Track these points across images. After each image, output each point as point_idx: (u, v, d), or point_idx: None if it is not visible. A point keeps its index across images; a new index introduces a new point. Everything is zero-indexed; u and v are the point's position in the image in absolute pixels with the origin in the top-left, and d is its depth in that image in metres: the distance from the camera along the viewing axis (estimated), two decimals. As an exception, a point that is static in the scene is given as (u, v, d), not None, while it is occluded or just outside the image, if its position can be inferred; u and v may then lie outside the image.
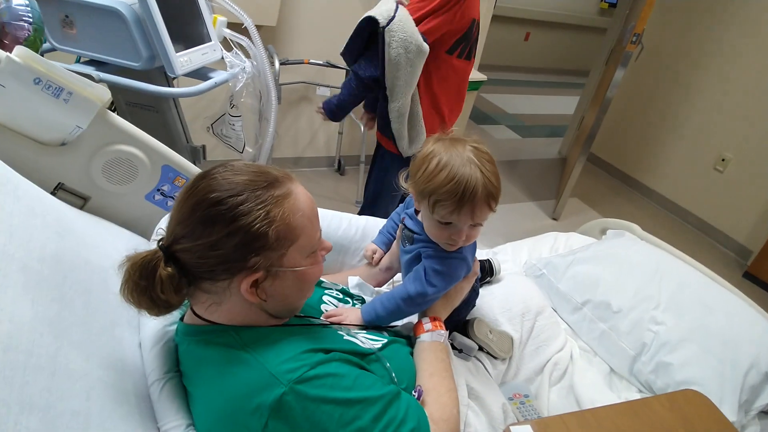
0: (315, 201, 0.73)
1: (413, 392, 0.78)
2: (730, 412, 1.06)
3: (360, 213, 1.67)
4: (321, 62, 2.52)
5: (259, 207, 0.64)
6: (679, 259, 1.42)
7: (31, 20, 0.99)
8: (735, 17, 2.88)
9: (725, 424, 0.91)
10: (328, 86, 2.68)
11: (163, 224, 0.97)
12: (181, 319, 0.78)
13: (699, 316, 1.20)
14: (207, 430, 0.68)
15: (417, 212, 0.95)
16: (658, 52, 3.32)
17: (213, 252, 0.63)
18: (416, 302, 0.89)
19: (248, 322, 0.71)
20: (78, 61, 1.36)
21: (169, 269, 0.63)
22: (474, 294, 1.06)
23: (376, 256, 1.11)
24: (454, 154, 0.81)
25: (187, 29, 1.37)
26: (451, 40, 1.53)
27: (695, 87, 3.15)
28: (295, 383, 0.62)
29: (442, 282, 0.89)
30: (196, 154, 1.64)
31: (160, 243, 0.66)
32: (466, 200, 0.79)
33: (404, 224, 0.98)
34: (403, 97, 1.53)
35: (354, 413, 0.64)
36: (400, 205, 1.12)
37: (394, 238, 1.11)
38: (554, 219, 3.05)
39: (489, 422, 0.85)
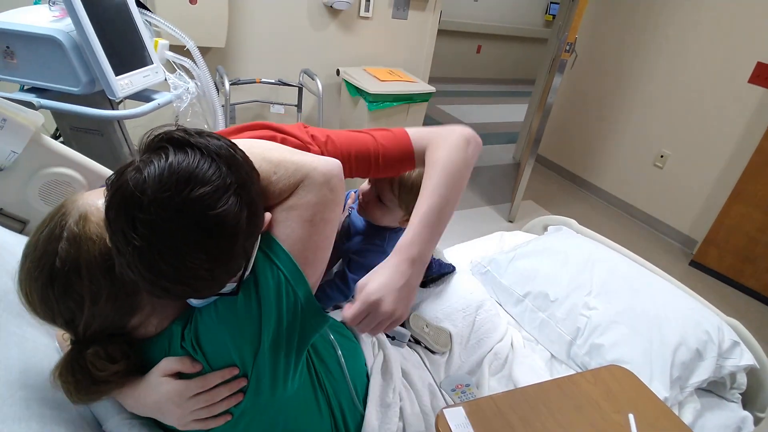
0: None
1: None
2: (662, 387, 1.12)
3: None
4: (273, 81, 2.57)
5: None
6: (610, 249, 1.52)
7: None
8: (663, 23, 3.07)
9: (647, 395, 0.98)
10: (282, 104, 2.73)
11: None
12: None
13: (626, 299, 1.28)
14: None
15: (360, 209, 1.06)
16: (594, 59, 3.52)
17: None
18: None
19: None
20: (21, 89, 1.37)
21: (91, 350, 0.61)
22: None
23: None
24: None
25: (127, 53, 1.40)
26: None
27: (631, 89, 3.33)
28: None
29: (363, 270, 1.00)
30: (145, 176, 1.65)
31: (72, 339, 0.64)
32: None
33: (350, 218, 1.05)
34: None
35: None
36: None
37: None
38: (510, 221, 3.16)
39: (417, 398, 0.92)
